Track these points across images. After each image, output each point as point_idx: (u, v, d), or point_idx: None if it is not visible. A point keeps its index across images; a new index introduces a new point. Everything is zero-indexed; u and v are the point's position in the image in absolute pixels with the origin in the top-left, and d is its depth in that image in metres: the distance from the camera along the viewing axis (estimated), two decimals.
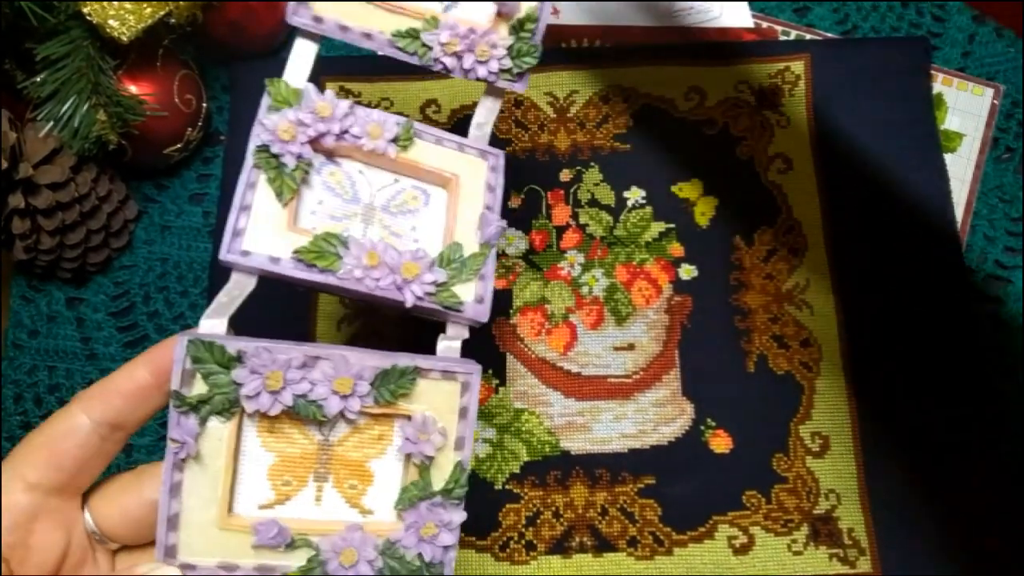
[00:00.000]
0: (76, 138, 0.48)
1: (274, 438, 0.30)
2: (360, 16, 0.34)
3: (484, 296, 0.33)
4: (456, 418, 0.31)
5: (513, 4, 0.34)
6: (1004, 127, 0.57)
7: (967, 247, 0.55)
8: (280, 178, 0.32)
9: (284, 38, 0.59)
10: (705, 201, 0.55)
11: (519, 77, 0.35)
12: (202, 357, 0.29)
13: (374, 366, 0.30)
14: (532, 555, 0.48)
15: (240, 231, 0.31)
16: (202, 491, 0.29)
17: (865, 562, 0.48)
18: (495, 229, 0.33)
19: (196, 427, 0.29)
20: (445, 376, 0.31)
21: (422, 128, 0.34)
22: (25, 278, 0.55)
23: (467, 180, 0.34)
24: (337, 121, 0.33)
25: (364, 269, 0.31)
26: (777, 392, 0.51)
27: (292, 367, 0.29)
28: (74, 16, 0.47)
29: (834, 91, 0.56)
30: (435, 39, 0.34)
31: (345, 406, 0.30)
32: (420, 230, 0.34)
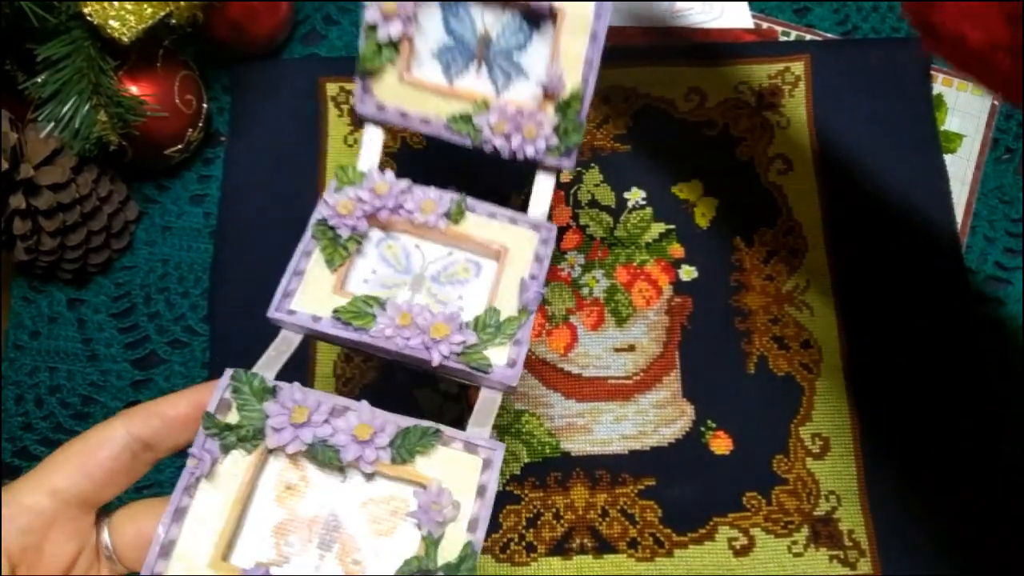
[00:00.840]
0: (77, 139, 0.48)
1: (288, 494, 0.30)
2: (418, 103, 0.36)
3: (516, 360, 0.33)
4: (473, 496, 0.29)
5: (558, 84, 0.35)
6: (1004, 128, 0.57)
7: (967, 248, 0.55)
8: (333, 247, 0.34)
9: (284, 38, 0.59)
10: (705, 202, 0.55)
11: (567, 154, 0.36)
12: (241, 387, 0.30)
13: (395, 422, 0.30)
14: (532, 556, 0.48)
15: (290, 292, 0.34)
16: (204, 523, 0.29)
17: (865, 563, 0.48)
18: (533, 295, 0.34)
19: (218, 452, 0.30)
20: (467, 448, 0.30)
21: (475, 203, 0.36)
22: (26, 279, 0.55)
23: (516, 251, 0.35)
24: (392, 198, 0.35)
25: (395, 328, 0.32)
26: (777, 393, 0.51)
27: (320, 410, 0.30)
28: (75, 17, 0.47)
29: (834, 92, 0.56)
30: (485, 121, 0.36)
31: (361, 454, 0.29)
32: (466, 298, 0.35)
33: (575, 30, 0.35)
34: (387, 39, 0.36)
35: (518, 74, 0.37)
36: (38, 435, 0.52)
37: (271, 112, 0.56)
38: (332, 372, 0.52)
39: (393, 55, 0.36)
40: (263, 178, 0.55)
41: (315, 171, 0.55)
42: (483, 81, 0.37)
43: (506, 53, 0.37)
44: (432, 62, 0.37)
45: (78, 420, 0.52)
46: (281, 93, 0.57)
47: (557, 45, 0.35)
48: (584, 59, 0.35)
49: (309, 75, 0.57)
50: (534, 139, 0.36)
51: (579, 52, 0.35)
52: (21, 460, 0.52)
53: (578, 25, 0.35)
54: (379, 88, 0.36)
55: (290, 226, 0.54)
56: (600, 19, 0.35)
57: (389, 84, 0.36)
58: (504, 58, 0.37)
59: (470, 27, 0.36)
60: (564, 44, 0.35)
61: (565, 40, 0.35)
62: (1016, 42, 0.28)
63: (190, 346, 0.53)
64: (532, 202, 0.37)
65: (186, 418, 0.31)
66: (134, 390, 0.53)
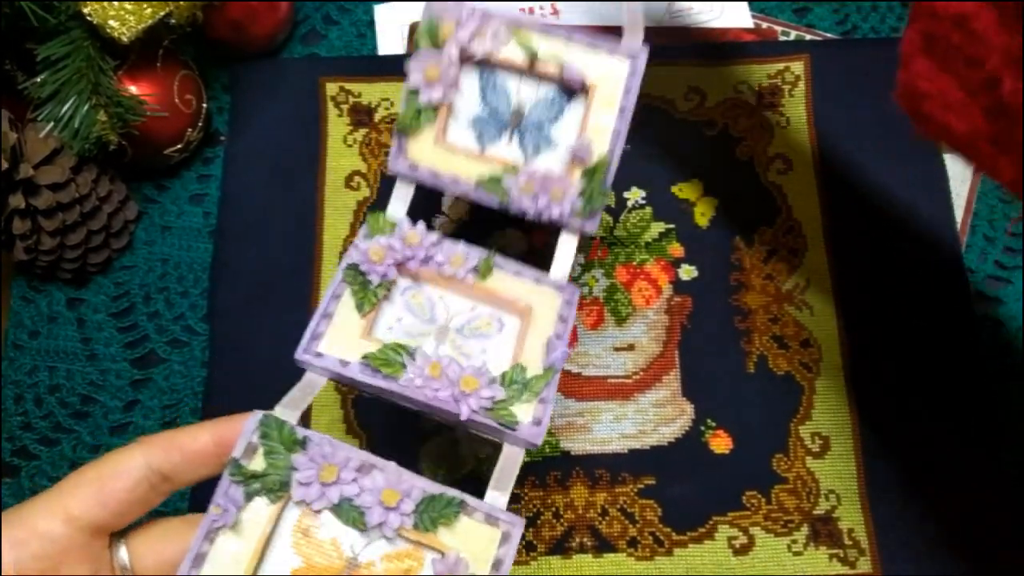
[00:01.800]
0: (76, 139, 0.48)
1: (307, 542, 0.30)
2: (450, 165, 0.37)
3: (542, 419, 0.33)
4: (489, 568, 0.30)
5: (586, 153, 0.36)
6: None
7: (967, 247, 0.55)
8: (364, 292, 0.35)
9: (284, 38, 0.59)
10: (705, 201, 0.55)
11: (591, 216, 0.37)
12: (270, 434, 0.31)
13: (423, 488, 0.30)
14: (532, 555, 0.48)
15: (318, 335, 0.34)
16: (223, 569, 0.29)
17: (865, 562, 0.48)
18: (560, 355, 0.34)
19: (242, 500, 0.30)
20: (488, 520, 0.31)
21: (502, 261, 0.37)
22: (25, 279, 0.55)
23: (540, 310, 0.36)
24: (423, 249, 0.36)
25: (425, 379, 0.32)
26: (777, 392, 0.51)
27: (349, 467, 0.30)
28: (74, 16, 0.47)
29: (834, 91, 0.56)
30: (514, 183, 0.37)
31: (386, 519, 0.30)
32: (490, 352, 0.35)
33: (605, 103, 0.37)
34: (428, 104, 0.37)
35: (547, 145, 0.38)
36: (37, 434, 0.52)
37: (271, 112, 0.57)
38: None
39: (432, 118, 0.37)
40: (263, 178, 0.55)
41: (315, 171, 0.55)
42: (513, 149, 0.38)
43: (538, 125, 0.38)
44: (466, 130, 0.38)
45: (77, 419, 0.52)
46: (281, 93, 0.57)
47: (587, 117, 0.37)
48: (612, 130, 0.37)
49: (309, 75, 0.57)
50: (560, 201, 0.37)
51: (608, 123, 0.37)
52: (20, 459, 0.52)
53: (609, 98, 0.37)
54: (413, 148, 0.37)
55: (289, 226, 0.54)
56: (629, 94, 0.37)
57: (424, 146, 0.37)
58: (536, 129, 0.38)
59: (505, 99, 0.38)
60: (594, 116, 0.37)
61: (595, 112, 0.37)
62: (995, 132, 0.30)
63: (189, 345, 0.53)
64: (554, 264, 0.38)
65: (207, 453, 0.31)
66: (133, 389, 0.53)
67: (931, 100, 0.33)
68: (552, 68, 0.37)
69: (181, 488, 0.32)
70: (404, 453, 0.50)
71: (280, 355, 0.51)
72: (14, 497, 0.51)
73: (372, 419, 0.51)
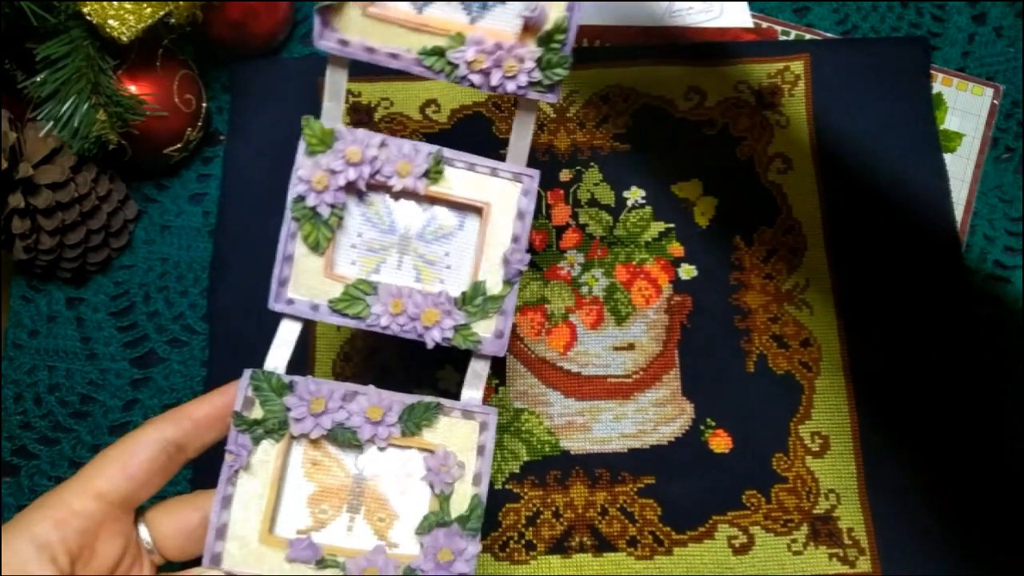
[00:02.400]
0: (76, 138, 0.48)
1: (315, 470, 0.34)
2: (385, 36, 0.34)
3: (503, 331, 0.35)
4: (474, 455, 0.34)
5: (541, 16, 0.33)
6: (1004, 127, 0.57)
7: (967, 247, 0.55)
8: (316, 229, 0.35)
9: (284, 38, 0.59)
10: (705, 201, 0.55)
11: (550, 89, 0.34)
12: (261, 385, 0.34)
13: (401, 400, 0.34)
14: (532, 555, 0.48)
15: (285, 280, 0.35)
16: (249, 507, 0.33)
17: (865, 562, 0.48)
18: (515, 269, 0.35)
19: (250, 445, 0.33)
20: (465, 416, 0.34)
21: (454, 156, 0.35)
22: (25, 278, 0.55)
23: (498, 207, 0.35)
24: (367, 164, 0.34)
25: (390, 316, 0.35)
26: (777, 392, 0.51)
27: (334, 398, 0.34)
28: (74, 16, 0.47)
29: (834, 91, 0.56)
30: (461, 57, 0.34)
31: (376, 432, 0.33)
32: (453, 255, 0.36)
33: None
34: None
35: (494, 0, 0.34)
36: (37, 434, 0.52)
37: (270, 111, 0.56)
38: (331, 372, 0.52)
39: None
40: (262, 177, 0.55)
41: None
42: (455, 9, 0.34)
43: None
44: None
45: (77, 418, 0.52)
46: (281, 92, 0.57)
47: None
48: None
49: (309, 75, 0.57)
50: (515, 75, 0.34)
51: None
52: (20, 459, 0.52)
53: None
54: (340, 22, 0.34)
55: None
56: None
57: (352, 17, 0.34)
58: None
59: None
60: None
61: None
62: None
63: (189, 345, 0.53)
64: (511, 146, 0.35)
65: (211, 419, 0.34)
66: (133, 388, 0.53)
67: None
68: None
69: (193, 456, 0.35)
70: None
71: None
72: (14, 497, 0.51)
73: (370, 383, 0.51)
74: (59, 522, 0.31)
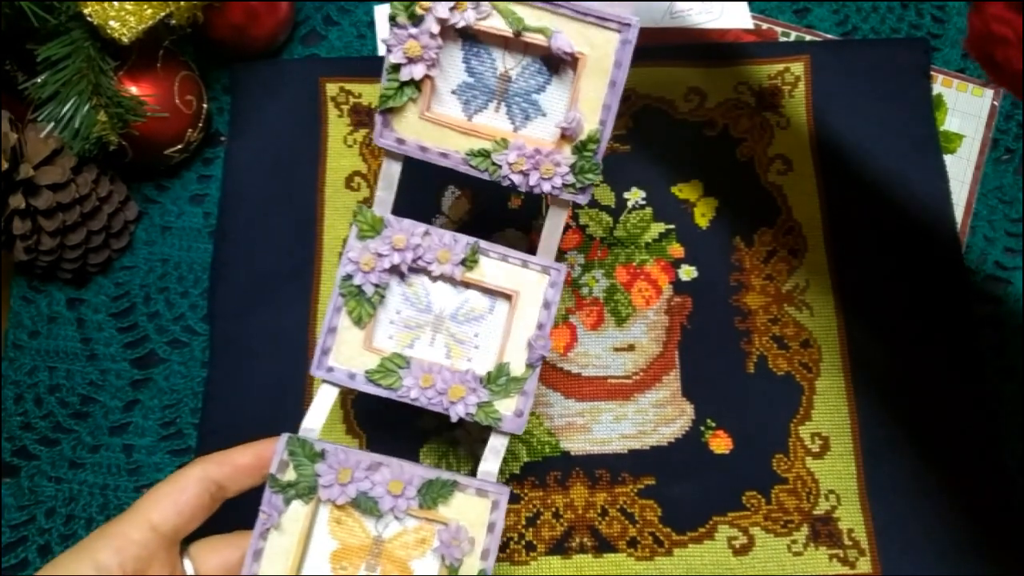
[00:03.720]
0: (77, 139, 0.48)
1: (339, 528, 0.37)
2: (438, 138, 0.38)
3: (523, 411, 0.38)
4: (485, 531, 0.36)
5: (577, 127, 0.36)
6: (1004, 128, 0.57)
7: (967, 248, 0.55)
8: (360, 306, 0.38)
9: (284, 39, 0.59)
10: (705, 202, 0.55)
11: (581, 191, 0.38)
12: (296, 451, 0.37)
13: (422, 475, 0.36)
14: (532, 555, 0.48)
15: (327, 350, 0.38)
16: (276, 560, 0.36)
17: (865, 563, 0.48)
18: (538, 354, 0.38)
19: (282, 505, 0.36)
20: (479, 493, 0.37)
21: (488, 247, 0.38)
22: (26, 279, 0.55)
23: (526, 296, 0.38)
24: (411, 251, 0.38)
25: (419, 390, 0.38)
26: (777, 393, 0.51)
27: (360, 468, 0.36)
28: (75, 17, 0.47)
29: (834, 92, 0.56)
30: (504, 159, 0.37)
31: (395, 504, 0.36)
32: (482, 336, 0.39)
33: (595, 75, 0.36)
34: (409, 79, 0.37)
35: (536, 113, 0.38)
36: (37, 434, 0.52)
37: (271, 112, 0.57)
38: None
39: (415, 93, 0.37)
40: (263, 178, 0.55)
41: (315, 171, 0.55)
42: (501, 119, 0.38)
43: (525, 93, 0.38)
44: (452, 98, 0.38)
45: (77, 419, 0.52)
46: (281, 93, 0.57)
47: (576, 89, 0.36)
48: (603, 103, 0.37)
49: (309, 75, 0.57)
50: (551, 177, 0.37)
51: (598, 96, 0.36)
52: (20, 459, 0.52)
53: (598, 70, 0.36)
54: (399, 123, 0.38)
55: (290, 226, 0.54)
56: (620, 67, 0.36)
57: (409, 120, 0.37)
58: (523, 98, 0.38)
59: (490, 67, 0.38)
60: (583, 89, 0.36)
61: (585, 85, 0.36)
62: None
63: (190, 346, 0.53)
64: (543, 240, 0.39)
65: (252, 467, 0.38)
66: (133, 389, 0.53)
67: (1008, 46, 0.30)
68: (539, 39, 0.36)
69: (232, 496, 0.38)
70: (404, 453, 0.50)
71: (280, 355, 0.51)
72: (14, 497, 0.51)
73: (371, 420, 0.51)
74: (118, 549, 0.35)
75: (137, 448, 0.52)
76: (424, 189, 0.54)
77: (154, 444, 0.52)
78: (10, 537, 0.50)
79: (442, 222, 0.54)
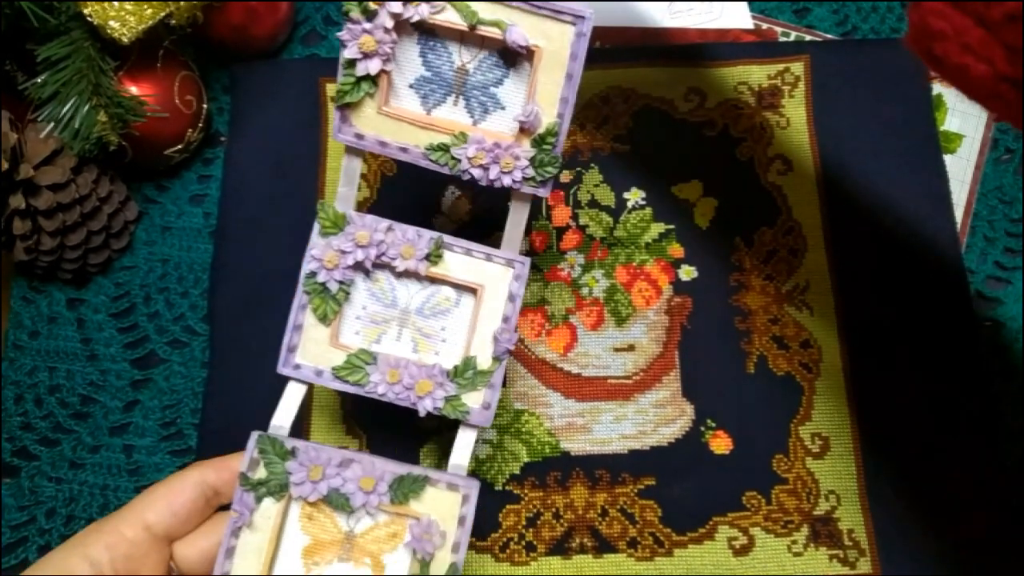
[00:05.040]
0: (77, 139, 0.48)
1: (311, 524, 0.37)
2: (396, 133, 0.38)
3: (491, 403, 0.38)
4: (456, 525, 0.36)
5: (535, 120, 0.37)
6: (1004, 128, 0.57)
7: (967, 248, 0.55)
8: (324, 303, 0.38)
9: (284, 39, 0.59)
10: (705, 202, 0.55)
11: (542, 184, 0.38)
12: (266, 449, 0.37)
13: (393, 471, 0.36)
14: (532, 556, 0.48)
15: (293, 347, 0.39)
16: (249, 557, 0.36)
17: (865, 563, 0.48)
18: (505, 346, 0.38)
19: (253, 503, 0.36)
20: (450, 487, 0.36)
21: (452, 241, 0.39)
22: (26, 279, 0.55)
23: (491, 289, 0.38)
24: (373, 247, 0.38)
25: (387, 385, 0.38)
26: (777, 393, 0.51)
27: (331, 464, 0.36)
28: (75, 17, 0.47)
29: (834, 92, 0.56)
30: (463, 153, 0.37)
31: (367, 501, 0.36)
32: (449, 329, 0.39)
33: (551, 68, 0.36)
34: (365, 74, 0.37)
35: (495, 106, 0.38)
36: (37, 435, 0.52)
37: (271, 112, 0.57)
38: None
39: (372, 88, 0.37)
40: (263, 178, 0.55)
41: (315, 171, 0.55)
42: (460, 112, 0.38)
43: (483, 87, 0.38)
44: (410, 92, 0.38)
45: (77, 420, 0.52)
46: (281, 93, 0.57)
47: (533, 83, 0.37)
48: (559, 97, 0.37)
49: (309, 75, 0.57)
50: (511, 171, 0.37)
51: (555, 90, 0.37)
52: (20, 460, 0.52)
53: (554, 64, 0.36)
54: (357, 118, 0.38)
55: (290, 226, 0.54)
56: (576, 60, 0.36)
57: (368, 115, 0.38)
58: (481, 91, 0.38)
59: (447, 61, 0.38)
60: (540, 82, 0.37)
61: (542, 78, 0.37)
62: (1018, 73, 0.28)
63: (190, 346, 0.54)
64: (506, 233, 0.39)
65: None
66: (134, 390, 0.53)
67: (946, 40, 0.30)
68: (494, 32, 0.36)
69: (225, 502, 0.38)
70: (404, 453, 0.50)
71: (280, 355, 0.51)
72: (14, 498, 0.51)
73: (371, 420, 0.51)
74: (110, 545, 0.35)
75: (137, 448, 0.52)
76: (424, 189, 0.54)
77: (154, 444, 0.52)
78: (10, 537, 0.50)
79: (441, 222, 0.54)
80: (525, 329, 0.52)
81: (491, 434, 0.50)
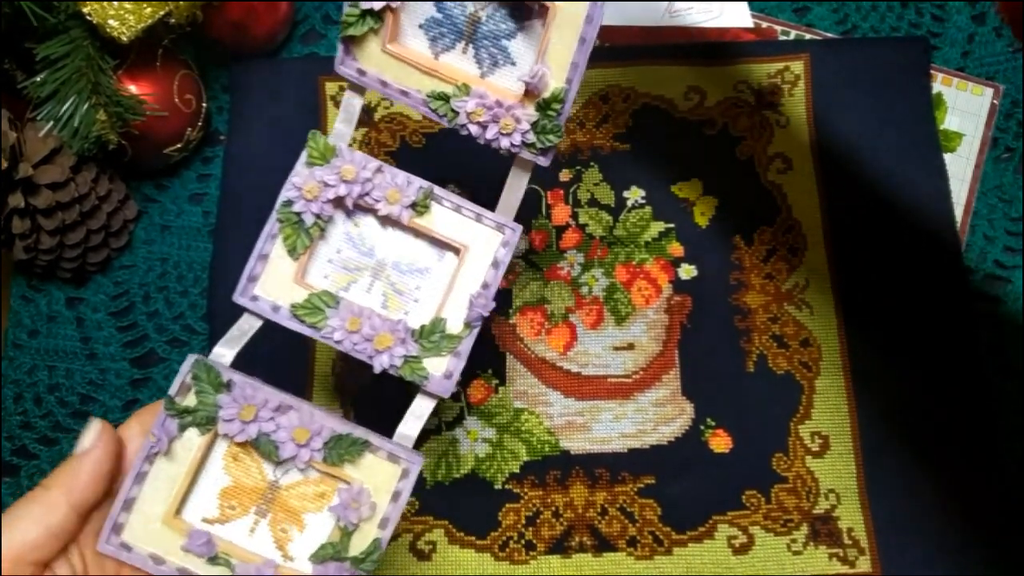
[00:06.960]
0: (76, 138, 0.48)
1: (235, 465, 0.34)
2: (400, 74, 0.36)
3: (453, 372, 0.35)
4: (388, 499, 0.34)
5: (541, 82, 0.35)
6: (1003, 127, 0.57)
7: (967, 247, 0.55)
8: (296, 235, 0.36)
9: (284, 38, 0.59)
10: (705, 201, 0.55)
11: (543, 152, 0.36)
12: (200, 376, 0.34)
13: (332, 428, 0.34)
14: (532, 555, 0.48)
15: (255, 277, 0.36)
16: (160, 487, 0.33)
17: (865, 562, 0.48)
18: (477, 313, 0.35)
19: (175, 431, 0.34)
20: (391, 458, 0.34)
21: (443, 195, 0.36)
22: (25, 278, 0.55)
23: (476, 251, 0.36)
24: (359, 184, 0.35)
25: (344, 332, 0.35)
26: (777, 392, 0.51)
27: (267, 407, 0.34)
28: (74, 16, 0.47)
29: (834, 91, 0.56)
30: (463, 107, 0.35)
31: (297, 454, 0.33)
32: (424, 290, 0.36)
33: (565, 30, 0.34)
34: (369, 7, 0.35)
35: (505, 60, 0.36)
36: (37, 434, 0.52)
37: (270, 111, 0.56)
38: (331, 370, 0.52)
39: (376, 23, 0.35)
40: (262, 177, 0.55)
41: None
42: (468, 61, 0.36)
43: (494, 37, 0.36)
44: (418, 33, 0.36)
45: (77, 419, 0.52)
46: (281, 92, 0.57)
47: (545, 42, 0.34)
48: (571, 62, 0.34)
49: (309, 74, 0.57)
50: (510, 133, 0.35)
51: (566, 53, 0.34)
52: (20, 459, 0.52)
53: (568, 25, 0.34)
54: (361, 54, 0.36)
55: None
56: (591, 24, 0.34)
57: (371, 52, 0.36)
58: (492, 42, 0.36)
59: (460, 2, 0.36)
60: (552, 43, 0.34)
61: (554, 39, 0.34)
62: None
63: (189, 345, 0.53)
64: (503, 198, 0.37)
65: None
66: (133, 388, 0.53)
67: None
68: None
69: None
70: None
71: (279, 355, 0.51)
72: (14, 497, 0.51)
73: (372, 418, 0.51)
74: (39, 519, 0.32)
75: None
76: None
77: None
78: None
79: None
80: (525, 328, 0.52)
81: (491, 433, 0.50)
